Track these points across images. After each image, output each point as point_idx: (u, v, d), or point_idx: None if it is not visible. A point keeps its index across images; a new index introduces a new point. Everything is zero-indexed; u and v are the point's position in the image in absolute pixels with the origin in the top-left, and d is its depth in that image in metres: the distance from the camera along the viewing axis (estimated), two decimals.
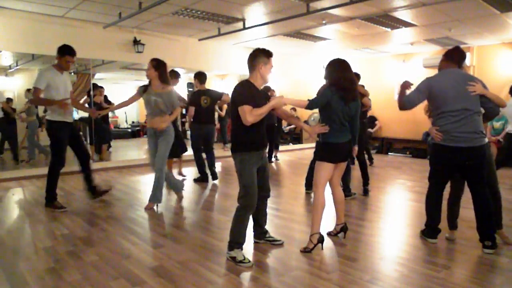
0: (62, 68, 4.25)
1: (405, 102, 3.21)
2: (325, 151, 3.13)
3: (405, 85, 3.24)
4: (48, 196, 4.37)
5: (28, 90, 7.33)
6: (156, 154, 4.33)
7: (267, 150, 8.20)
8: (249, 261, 2.83)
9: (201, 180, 6.05)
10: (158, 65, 4.19)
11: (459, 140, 3.01)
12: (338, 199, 3.39)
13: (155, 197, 4.40)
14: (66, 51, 4.20)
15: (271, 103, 2.83)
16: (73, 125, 4.45)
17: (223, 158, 8.24)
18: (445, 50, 3.30)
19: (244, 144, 2.88)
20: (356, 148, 3.35)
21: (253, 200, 2.89)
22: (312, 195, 3.43)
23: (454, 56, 3.16)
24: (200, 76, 5.87)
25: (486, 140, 3.09)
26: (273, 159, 8.23)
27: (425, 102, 3.29)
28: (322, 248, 3.13)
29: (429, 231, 3.35)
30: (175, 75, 5.74)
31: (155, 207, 4.46)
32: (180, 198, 4.97)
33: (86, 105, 6.49)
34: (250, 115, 2.74)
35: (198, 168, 6.05)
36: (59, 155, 4.30)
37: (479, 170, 3.08)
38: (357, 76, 5.03)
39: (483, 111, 3.14)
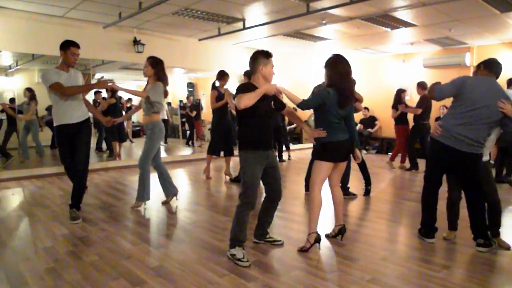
0: (68, 64, 3.91)
1: (435, 92, 3.22)
2: (325, 151, 3.10)
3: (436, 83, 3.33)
4: None
5: (28, 89, 7.32)
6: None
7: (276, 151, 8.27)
8: (247, 261, 2.83)
9: (238, 180, 5.97)
10: (154, 62, 4.20)
11: (457, 142, 3.01)
12: (337, 200, 3.36)
13: (140, 195, 4.41)
14: (69, 43, 3.92)
15: (263, 87, 2.81)
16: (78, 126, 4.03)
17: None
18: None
19: (250, 143, 2.90)
20: (357, 151, 3.35)
21: (253, 199, 2.90)
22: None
23: (494, 67, 3.14)
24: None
25: (483, 151, 3.09)
26: (284, 158, 8.29)
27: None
28: (319, 248, 3.12)
29: (426, 230, 3.36)
30: (222, 74, 5.80)
31: (142, 207, 4.45)
32: (167, 202, 4.70)
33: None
34: (241, 99, 2.73)
35: None
36: None
37: (472, 176, 3.09)
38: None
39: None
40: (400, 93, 7.16)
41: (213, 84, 5.89)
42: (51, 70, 3.88)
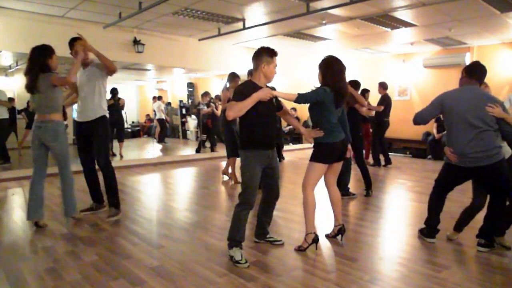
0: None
1: (417, 118, 3.20)
2: (319, 151, 3.08)
3: None
4: None
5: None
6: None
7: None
8: (246, 262, 2.83)
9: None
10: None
11: (477, 160, 2.93)
12: (334, 200, 3.34)
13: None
14: (70, 42, 4.30)
15: (255, 95, 2.74)
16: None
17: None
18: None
19: (250, 142, 2.88)
20: (349, 147, 3.35)
21: (252, 198, 2.89)
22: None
23: (476, 73, 3.06)
24: None
25: (501, 155, 2.95)
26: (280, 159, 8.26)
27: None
28: (317, 248, 3.11)
29: (428, 230, 3.35)
30: (233, 76, 5.58)
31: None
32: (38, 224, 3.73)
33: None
34: (230, 109, 2.76)
35: None
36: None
37: (494, 183, 3.00)
38: (357, 83, 4.97)
39: None
40: (364, 93, 7.25)
41: (225, 86, 5.92)
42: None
